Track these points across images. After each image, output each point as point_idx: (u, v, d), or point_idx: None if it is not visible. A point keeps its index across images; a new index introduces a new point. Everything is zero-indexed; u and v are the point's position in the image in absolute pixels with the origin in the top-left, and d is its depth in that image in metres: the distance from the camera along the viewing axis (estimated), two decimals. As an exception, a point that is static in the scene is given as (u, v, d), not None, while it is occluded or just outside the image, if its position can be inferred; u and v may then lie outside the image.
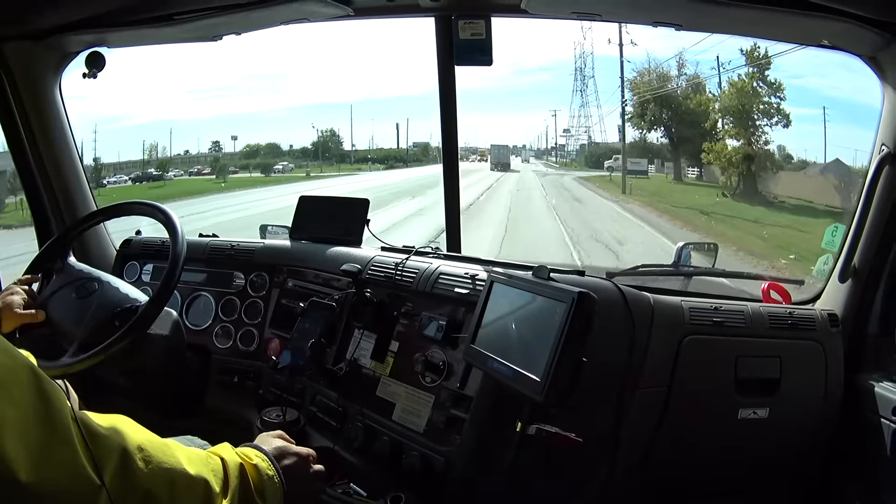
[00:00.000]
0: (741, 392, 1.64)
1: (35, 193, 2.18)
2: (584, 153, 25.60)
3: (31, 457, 0.74)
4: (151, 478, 0.86)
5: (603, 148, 24.10)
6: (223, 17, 1.83)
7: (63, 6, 1.79)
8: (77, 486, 0.78)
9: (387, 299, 1.71)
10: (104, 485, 0.80)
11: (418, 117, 30.67)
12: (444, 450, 1.45)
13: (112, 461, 0.82)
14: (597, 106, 26.43)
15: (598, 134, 25.14)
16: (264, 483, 1.04)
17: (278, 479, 1.06)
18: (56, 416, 0.78)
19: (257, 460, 1.06)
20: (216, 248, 2.17)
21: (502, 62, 32.84)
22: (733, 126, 16.56)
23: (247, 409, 1.90)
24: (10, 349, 0.78)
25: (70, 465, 0.78)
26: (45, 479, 0.75)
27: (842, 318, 1.72)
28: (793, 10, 1.49)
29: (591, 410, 1.45)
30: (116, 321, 1.66)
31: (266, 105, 39.43)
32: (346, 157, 26.81)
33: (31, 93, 2.04)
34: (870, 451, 1.61)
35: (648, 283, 1.94)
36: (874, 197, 1.65)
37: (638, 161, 20.88)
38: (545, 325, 1.23)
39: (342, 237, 2.05)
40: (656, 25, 1.81)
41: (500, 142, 28.10)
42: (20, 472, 0.72)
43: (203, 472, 0.94)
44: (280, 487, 1.05)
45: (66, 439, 0.78)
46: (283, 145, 25.91)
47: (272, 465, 1.07)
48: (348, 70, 40.07)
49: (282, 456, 1.12)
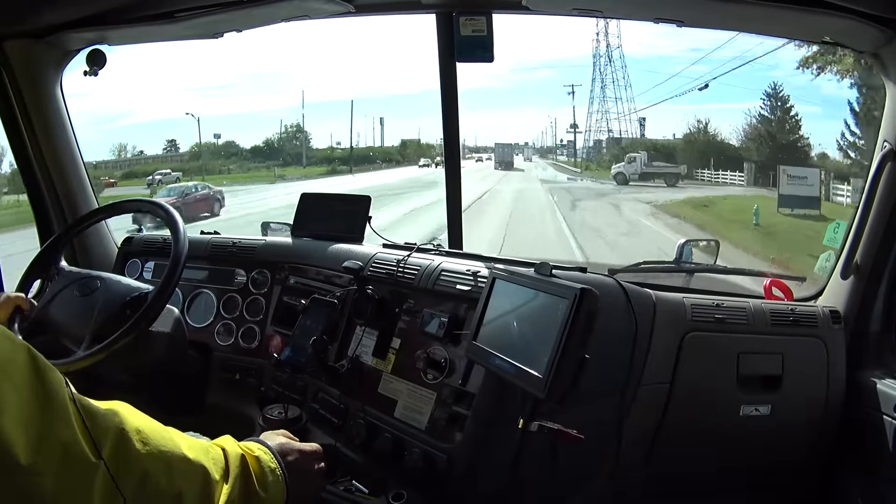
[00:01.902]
0: (743, 389, 1.64)
1: (36, 192, 2.18)
2: (610, 151, 22.70)
3: (31, 438, 0.74)
4: (149, 459, 0.85)
5: (638, 144, 21.38)
6: (224, 13, 1.83)
7: (64, 4, 1.79)
8: (75, 465, 0.78)
9: (389, 296, 1.71)
10: (103, 461, 0.80)
11: (405, 115, 30.26)
12: (446, 447, 1.45)
13: (109, 440, 0.82)
14: (626, 100, 23.58)
15: (618, 128, 23.11)
16: (266, 475, 1.03)
17: (281, 472, 1.05)
18: (54, 397, 0.78)
19: (259, 453, 1.06)
20: (218, 246, 2.17)
21: (502, 59, 32.55)
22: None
23: (248, 407, 1.90)
24: (7, 333, 0.78)
25: (68, 444, 0.77)
26: (44, 459, 0.75)
27: (844, 315, 1.72)
28: (795, 6, 1.49)
29: (593, 407, 1.45)
30: (127, 310, 1.66)
31: (268, 104, 39.07)
32: (302, 158, 23.75)
33: (32, 91, 2.04)
34: (872, 447, 1.61)
35: (650, 279, 1.94)
36: (876, 193, 1.65)
37: (663, 165, 17.94)
38: (547, 321, 1.22)
39: (344, 234, 2.05)
40: (657, 22, 1.80)
41: (500, 140, 27.60)
42: (20, 454, 0.72)
43: (202, 459, 0.93)
44: (282, 481, 1.05)
45: (65, 419, 0.78)
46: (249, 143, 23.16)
47: (275, 459, 1.07)
48: (340, 67, 39.47)
49: (285, 451, 1.11)
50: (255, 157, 23.34)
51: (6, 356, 0.76)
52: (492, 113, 43.72)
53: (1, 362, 0.75)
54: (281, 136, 24.13)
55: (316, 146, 25.13)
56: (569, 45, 46.35)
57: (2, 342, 0.76)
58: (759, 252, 10.29)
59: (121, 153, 20.56)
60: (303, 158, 23.99)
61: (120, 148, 20.56)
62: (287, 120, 25.67)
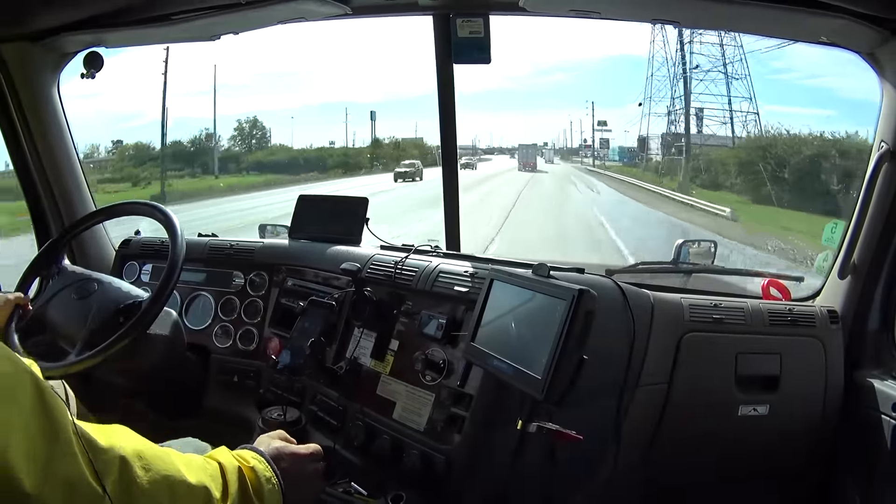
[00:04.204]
0: (741, 389, 1.64)
1: (33, 194, 2.18)
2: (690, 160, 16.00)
3: (37, 467, 0.75)
4: (152, 487, 0.87)
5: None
6: (220, 16, 1.83)
7: (61, 7, 1.79)
8: (81, 498, 0.79)
9: (387, 298, 1.71)
10: (108, 496, 0.81)
11: (402, 116, 28.66)
12: (444, 448, 1.45)
13: (113, 472, 0.83)
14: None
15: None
16: (262, 485, 1.03)
17: (276, 480, 1.06)
18: (59, 429, 0.79)
19: (254, 462, 1.06)
20: (215, 248, 2.16)
21: (520, 63, 30.57)
22: None
23: (247, 409, 1.90)
24: (13, 356, 0.79)
25: (74, 476, 0.78)
26: (50, 491, 0.76)
27: (842, 315, 1.72)
28: (791, 6, 1.49)
29: (591, 408, 1.45)
30: (120, 317, 1.66)
31: (283, 104, 38.43)
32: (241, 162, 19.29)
33: (30, 93, 2.04)
34: (870, 447, 1.61)
35: (648, 280, 1.94)
36: (873, 193, 1.65)
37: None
38: (545, 322, 1.22)
39: (341, 236, 2.05)
40: (655, 23, 1.81)
41: (513, 141, 25.81)
42: (25, 481, 0.73)
43: (203, 479, 0.94)
44: (279, 490, 1.05)
45: (70, 453, 0.79)
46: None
47: (269, 467, 1.07)
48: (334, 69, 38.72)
49: (280, 457, 1.11)
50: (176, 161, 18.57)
51: (11, 380, 0.76)
52: (496, 114, 43.51)
53: (6, 386, 0.75)
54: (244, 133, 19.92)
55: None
56: (584, 47, 46.03)
57: (5, 365, 0.77)
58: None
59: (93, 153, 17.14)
60: (213, 166, 19.18)
61: (92, 148, 16.94)
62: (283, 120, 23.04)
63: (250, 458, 1.06)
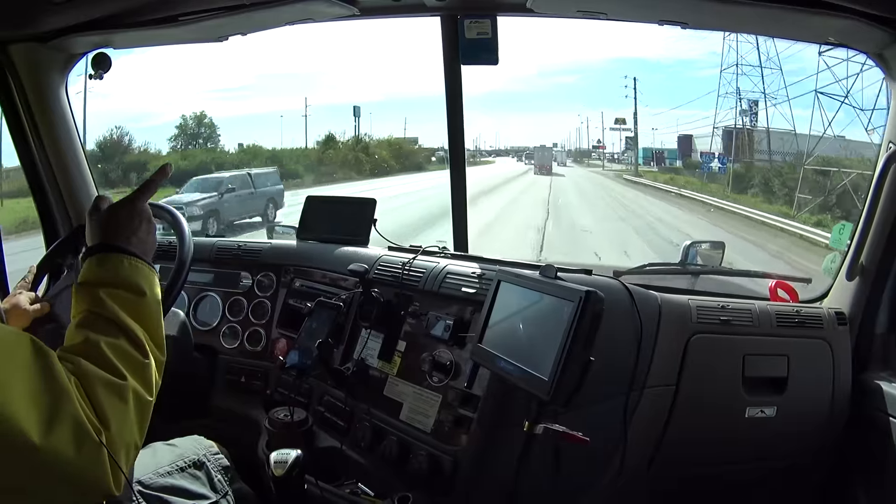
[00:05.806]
0: (749, 391, 1.64)
1: (41, 193, 2.18)
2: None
3: (42, 419, 0.76)
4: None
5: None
6: (228, 17, 1.83)
7: (68, 8, 1.79)
8: (89, 440, 0.81)
9: (394, 299, 1.71)
10: (103, 443, 0.82)
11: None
12: (451, 449, 1.45)
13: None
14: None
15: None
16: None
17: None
18: (57, 378, 0.81)
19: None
20: (223, 249, 2.17)
21: (527, 64, 29.86)
22: None
23: (254, 409, 1.91)
24: (10, 327, 0.83)
25: (77, 422, 0.80)
26: (57, 439, 0.77)
27: (849, 317, 1.72)
28: (799, 7, 1.49)
29: (598, 409, 1.45)
30: None
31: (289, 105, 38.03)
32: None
33: (37, 94, 2.05)
34: (877, 449, 1.60)
35: (655, 281, 1.94)
36: (882, 195, 1.64)
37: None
38: (552, 324, 1.23)
39: (349, 237, 2.05)
40: (662, 24, 1.80)
41: (517, 143, 25.57)
42: (33, 434, 0.75)
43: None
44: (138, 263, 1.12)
45: (69, 398, 0.80)
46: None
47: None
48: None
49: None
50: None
51: (10, 339, 0.79)
52: (500, 115, 43.31)
53: (5, 346, 0.78)
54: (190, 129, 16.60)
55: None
56: (592, 48, 45.89)
57: (3, 330, 0.81)
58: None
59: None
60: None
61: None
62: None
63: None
